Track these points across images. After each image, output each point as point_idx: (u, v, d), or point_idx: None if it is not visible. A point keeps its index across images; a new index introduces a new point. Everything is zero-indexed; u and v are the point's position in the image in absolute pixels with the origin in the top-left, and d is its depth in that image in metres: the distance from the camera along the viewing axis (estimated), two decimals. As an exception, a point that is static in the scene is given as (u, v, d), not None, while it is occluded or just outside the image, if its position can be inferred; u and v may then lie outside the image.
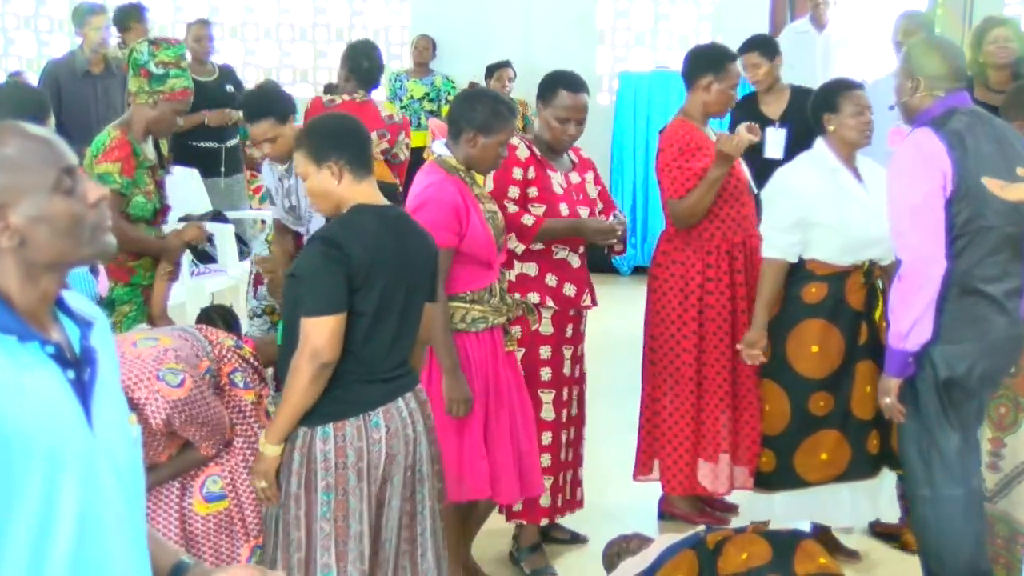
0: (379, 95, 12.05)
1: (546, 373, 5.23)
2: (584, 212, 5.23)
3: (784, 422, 5.23)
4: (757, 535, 4.65)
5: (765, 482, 5.35)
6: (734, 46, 6.90)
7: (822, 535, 5.30)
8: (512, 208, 5.06)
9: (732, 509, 5.88)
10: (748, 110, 6.65)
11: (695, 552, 4.61)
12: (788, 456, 5.24)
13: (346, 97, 6.67)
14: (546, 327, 5.22)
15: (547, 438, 5.23)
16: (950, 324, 4.35)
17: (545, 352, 5.22)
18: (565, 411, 5.29)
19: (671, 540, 4.81)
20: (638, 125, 11.62)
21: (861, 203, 5.10)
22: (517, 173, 5.11)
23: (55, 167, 2.06)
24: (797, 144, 6.51)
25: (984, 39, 6.42)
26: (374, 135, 6.31)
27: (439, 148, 4.80)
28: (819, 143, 5.23)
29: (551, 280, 5.20)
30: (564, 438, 5.31)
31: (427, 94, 11.16)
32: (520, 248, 5.14)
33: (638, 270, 11.13)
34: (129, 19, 9.04)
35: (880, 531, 5.67)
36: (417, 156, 8.15)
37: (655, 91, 11.41)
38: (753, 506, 5.32)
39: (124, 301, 5.13)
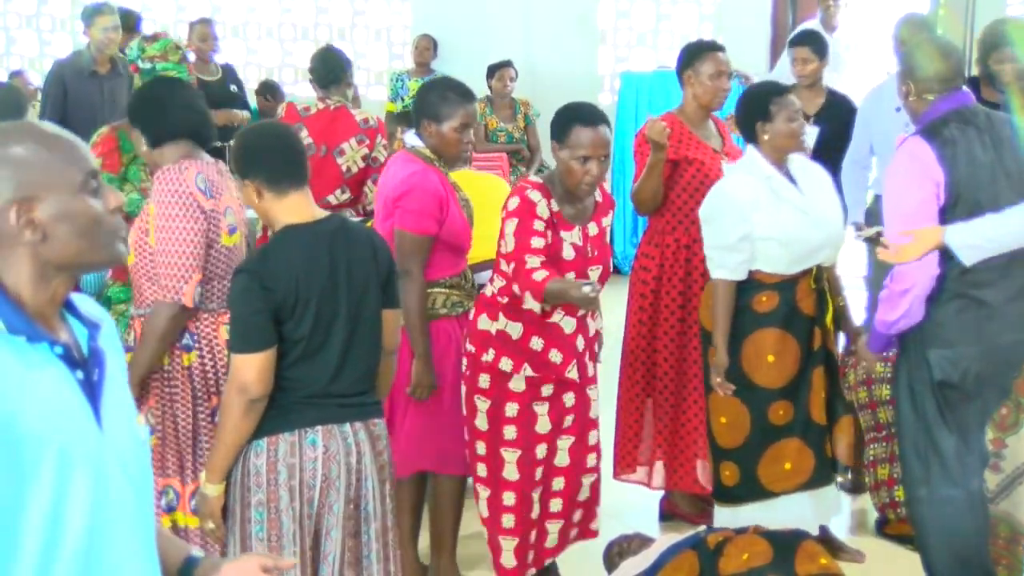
0: (380, 94, 12.11)
1: (510, 431, 4.80)
2: (595, 273, 4.74)
3: (744, 434, 5.14)
4: (758, 535, 4.65)
5: (730, 496, 5.25)
6: (736, 46, 6.92)
7: (824, 536, 5.29)
8: (532, 261, 4.50)
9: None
10: None
11: (696, 552, 4.61)
12: (751, 468, 5.16)
13: (320, 105, 6.64)
14: (517, 384, 4.76)
15: (509, 498, 4.84)
16: (944, 328, 4.36)
17: (511, 409, 4.78)
18: (539, 469, 4.86)
19: (672, 540, 4.81)
20: (639, 125, 11.58)
21: (801, 210, 5.02)
22: (539, 225, 4.57)
23: (83, 169, 2.10)
24: (827, 146, 6.53)
25: (990, 56, 6.41)
26: (352, 141, 6.32)
27: (411, 139, 4.86)
28: (751, 151, 5.13)
29: (536, 344, 4.74)
30: (534, 495, 4.91)
31: (428, 94, 11.15)
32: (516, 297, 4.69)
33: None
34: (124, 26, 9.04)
35: (891, 533, 5.66)
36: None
37: (656, 91, 11.38)
38: (725, 521, 5.20)
39: (121, 300, 5.14)
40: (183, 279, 4.15)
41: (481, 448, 4.80)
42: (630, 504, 6.01)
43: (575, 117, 4.71)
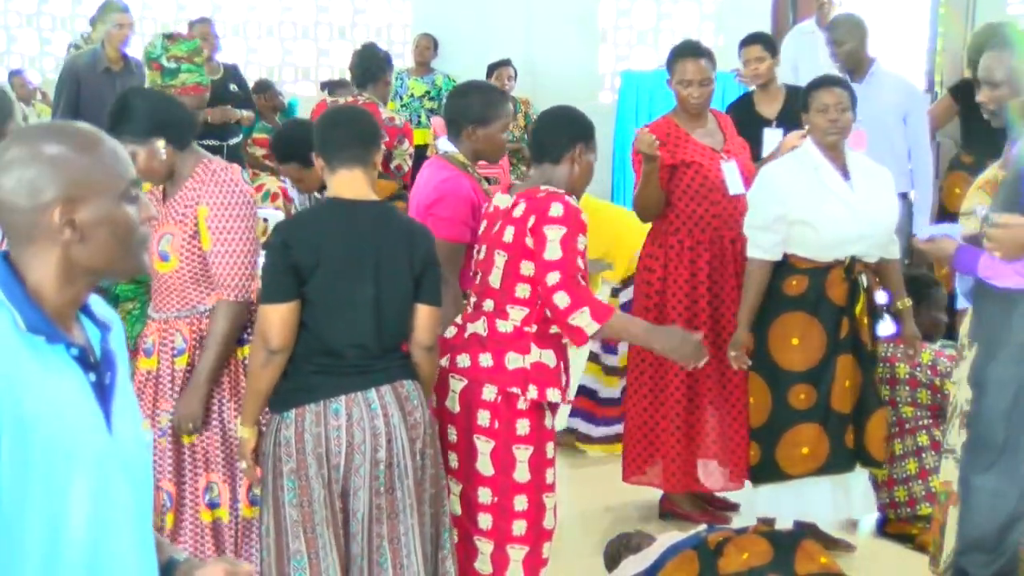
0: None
1: (551, 475, 4.46)
2: None
3: (765, 414, 5.26)
4: (758, 535, 4.65)
5: (752, 475, 5.39)
6: (736, 42, 6.89)
7: (814, 531, 5.29)
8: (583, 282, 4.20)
9: (733, 508, 5.89)
10: (744, 110, 6.56)
11: (696, 552, 4.61)
12: (771, 449, 5.26)
13: (349, 99, 6.70)
14: (550, 420, 4.42)
15: (547, 551, 4.49)
16: None
17: (551, 450, 4.44)
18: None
19: (673, 539, 4.82)
20: (640, 124, 11.58)
21: (843, 200, 5.11)
22: (583, 243, 4.24)
23: (127, 177, 2.14)
24: None
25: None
26: None
27: (444, 145, 4.83)
28: (807, 141, 5.25)
29: (562, 370, 4.38)
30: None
31: (428, 92, 11.16)
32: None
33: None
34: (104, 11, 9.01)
35: (892, 532, 5.66)
36: (420, 153, 8.16)
37: (657, 90, 11.36)
38: (741, 503, 5.30)
39: (128, 298, 5.13)
40: (249, 276, 4.17)
41: (522, 503, 4.33)
42: (631, 502, 6.01)
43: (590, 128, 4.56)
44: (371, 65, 6.67)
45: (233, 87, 9.03)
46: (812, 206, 5.09)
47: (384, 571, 3.88)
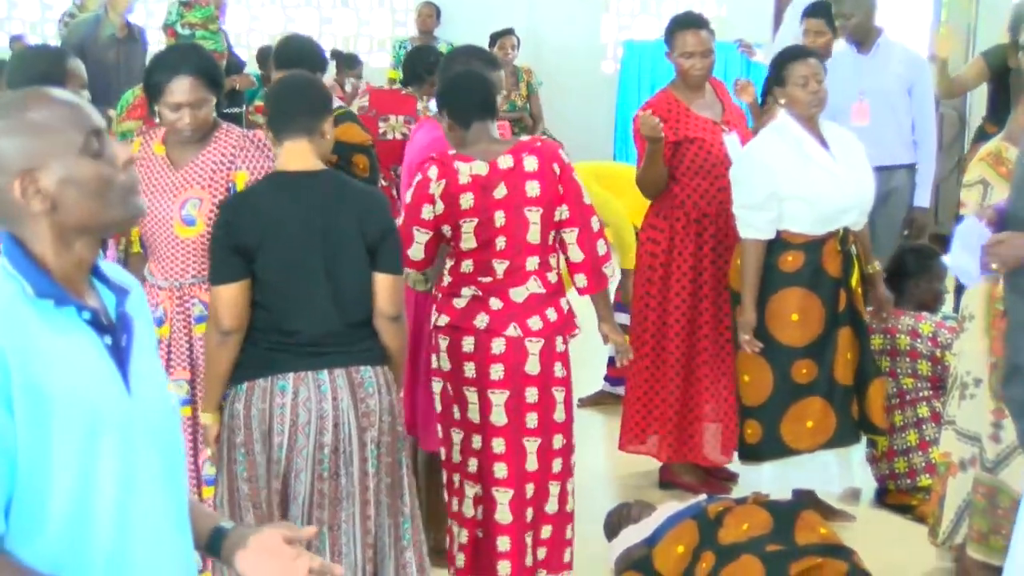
0: (383, 61, 12.08)
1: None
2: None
3: (767, 392, 5.21)
4: (758, 506, 4.67)
5: (753, 453, 5.34)
6: (740, 14, 6.90)
7: (814, 501, 5.30)
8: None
9: (733, 478, 5.90)
10: None
11: (696, 522, 4.63)
12: (774, 426, 5.22)
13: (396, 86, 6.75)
14: None
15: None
16: None
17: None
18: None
19: (673, 509, 4.84)
20: (642, 94, 11.56)
21: (829, 172, 5.10)
22: None
23: (82, 130, 2.06)
24: None
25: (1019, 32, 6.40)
26: (401, 117, 6.35)
27: (434, 107, 4.85)
28: (783, 114, 5.22)
29: None
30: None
31: (431, 61, 11.12)
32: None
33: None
34: None
35: (891, 503, 5.67)
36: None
37: (659, 60, 11.27)
38: (744, 479, 5.30)
39: None
40: None
41: (560, 442, 4.52)
42: (630, 473, 6.02)
43: None
44: (418, 67, 6.67)
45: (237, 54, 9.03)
46: (803, 181, 5.06)
47: (321, 557, 3.80)
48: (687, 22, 5.69)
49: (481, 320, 4.34)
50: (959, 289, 5.82)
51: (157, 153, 4.26)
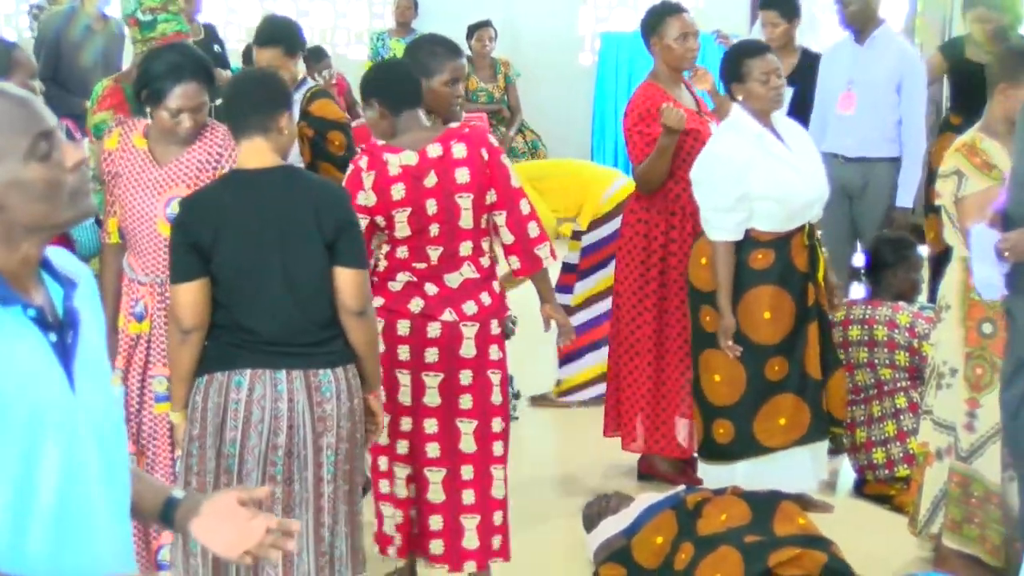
0: (361, 54, 12.05)
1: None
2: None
3: (740, 391, 5.17)
4: (736, 496, 4.69)
5: (726, 453, 5.27)
6: (717, 6, 6.91)
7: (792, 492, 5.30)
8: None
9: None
10: None
11: (675, 513, 4.64)
12: (747, 424, 5.19)
13: None
14: None
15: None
16: None
17: None
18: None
19: (651, 500, 4.85)
20: (620, 86, 11.60)
21: (793, 167, 5.09)
22: None
23: (29, 132, 2.02)
24: (803, 105, 6.55)
25: (967, 16, 6.49)
26: None
27: None
28: (736, 110, 5.19)
29: None
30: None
31: (409, 53, 11.11)
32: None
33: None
34: None
35: (870, 493, 5.69)
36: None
37: (637, 52, 11.30)
38: (718, 479, 5.22)
39: None
40: None
41: (499, 425, 4.55)
42: (610, 465, 6.03)
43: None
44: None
45: (216, 48, 8.97)
46: (771, 179, 5.03)
47: (273, 567, 3.78)
48: (674, 7, 5.70)
49: (416, 304, 4.38)
50: (934, 277, 5.83)
51: (139, 147, 4.24)
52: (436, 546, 4.50)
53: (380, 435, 4.14)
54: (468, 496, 4.48)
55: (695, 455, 5.59)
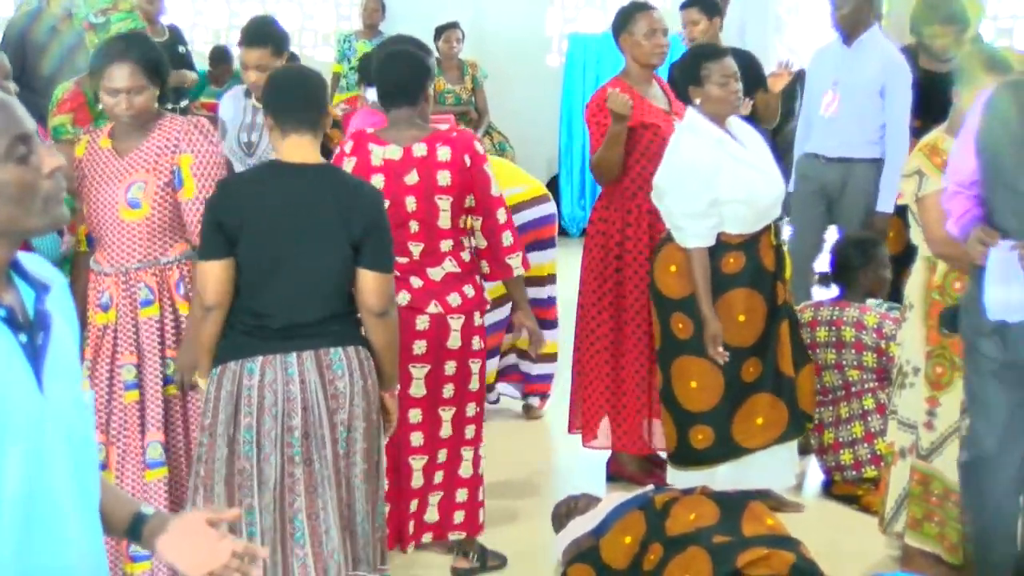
0: (328, 56, 12.03)
1: None
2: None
3: (718, 395, 5.18)
4: (705, 496, 4.69)
5: (704, 458, 5.27)
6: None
7: (762, 492, 5.31)
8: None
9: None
10: None
11: (643, 512, 4.64)
12: (725, 428, 5.20)
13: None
14: None
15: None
16: None
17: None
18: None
19: (619, 499, 4.85)
20: (588, 87, 11.57)
21: (756, 168, 5.12)
22: None
23: (7, 134, 2.02)
24: None
25: (922, 32, 6.53)
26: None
27: (372, 95, 4.91)
28: (692, 114, 5.19)
29: None
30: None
31: (376, 55, 11.10)
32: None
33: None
34: None
35: (838, 494, 5.71)
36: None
37: (605, 53, 11.34)
38: (695, 484, 5.23)
39: None
40: None
41: (473, 410, 4.77)
42: (578, 465, 6.04)
43: None
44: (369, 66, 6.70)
45: (181, 49, 8.93)
46: (738, 182, 5.05)
47: (301, 547, 3.80)
48: (643, 5, 5.75)
49: (402, 297, 4.48)
50: (897, 273, 5.84)
51: (103, 147, 4.32)
52: (410, 526, 4.71)
53: (392, 431, 4.16)
54: (438, 476, 4.71)
55: (663, 457, 5.60)
